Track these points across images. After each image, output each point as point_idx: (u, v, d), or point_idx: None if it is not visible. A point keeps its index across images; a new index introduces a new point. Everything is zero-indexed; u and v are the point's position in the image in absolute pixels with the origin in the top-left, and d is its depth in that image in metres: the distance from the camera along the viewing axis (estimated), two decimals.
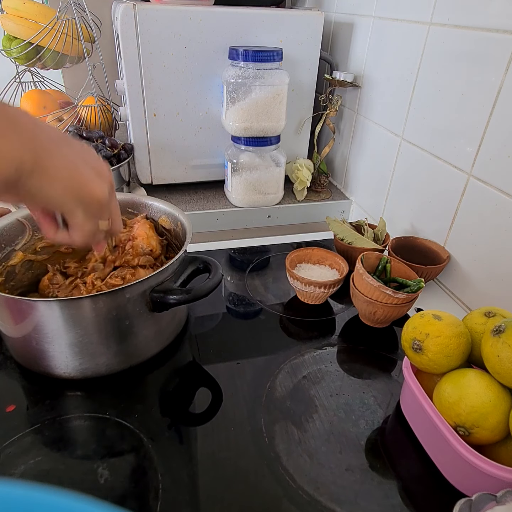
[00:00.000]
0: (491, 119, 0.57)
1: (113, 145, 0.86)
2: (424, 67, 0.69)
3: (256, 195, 0.90)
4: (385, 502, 0.40)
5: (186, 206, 0.91)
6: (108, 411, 0.47)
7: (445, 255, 0.67)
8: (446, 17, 0.62)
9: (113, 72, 1.06)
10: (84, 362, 0.49)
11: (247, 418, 0.48)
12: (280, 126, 0.85)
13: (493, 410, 0.38)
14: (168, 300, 0.49)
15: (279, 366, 0.55)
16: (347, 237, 0.72)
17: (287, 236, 0.86)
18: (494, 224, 0.58)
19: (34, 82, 1.13)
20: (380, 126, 0.83)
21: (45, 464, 0.42)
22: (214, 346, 0.57)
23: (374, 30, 0.82)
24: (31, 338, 0.48)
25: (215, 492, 0.40)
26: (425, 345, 0.44)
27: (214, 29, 0.81)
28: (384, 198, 0.84)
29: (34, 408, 0.48)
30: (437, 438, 0.41)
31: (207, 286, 0.49)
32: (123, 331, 0.49)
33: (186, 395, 0.51)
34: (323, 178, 0.99)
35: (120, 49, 0.80)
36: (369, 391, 0.52)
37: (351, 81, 0.88)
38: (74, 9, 0.89)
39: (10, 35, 0.93)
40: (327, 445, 0.45)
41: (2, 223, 0.55)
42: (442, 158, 0.67)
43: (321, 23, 0.87)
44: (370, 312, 0.59)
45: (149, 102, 0.84)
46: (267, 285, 0.71)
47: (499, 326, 0.40)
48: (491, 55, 0.55)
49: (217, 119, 0.89)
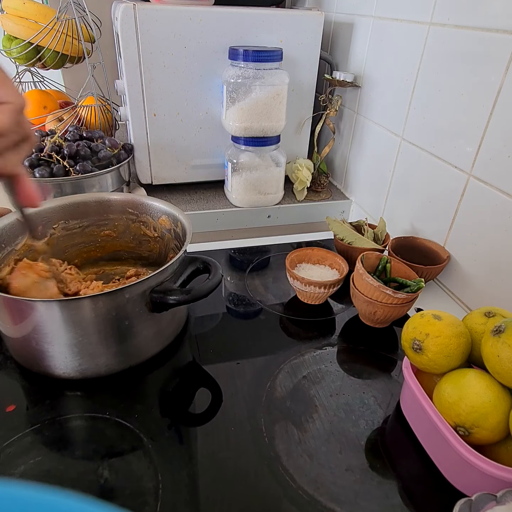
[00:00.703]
0: (491, 119, 0.57)
1: (113, 145, 0.86)
2: (424, 67, 0.69)
3: (256, 195, 0.90)
4: (385, 502, 0.40)
5: (186, 206, 0.91)
6: (108, 411, 0.47)
7: (445, 255, 0.67)
8: (446, 17, 0.62)
9: (113, 72, 1.06)
10: (84, 362, 0.49)
11: (247, 418, 0.48)
12: (280, 126, 0.85)
13: (493, 410, 0.38)
14: (168, 300, 0.49)
15: (279, 366, 0.55)
16: (347, 237, 0.72)
17: (287, 236, 0.86)
18: (494, 224, 0.58)
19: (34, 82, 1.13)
20: (380, 126, 0.83)
21: (45, 464, 0.42)
22: (214, 346, 0.57)
23: (374, 30, 0.82)
24: (31, 338, 0.48)
25: (215, 492, 0.40)
26: (425, 345, 0.44)
27: (214, 29, 0.81)
28: (384, 198, 0.84)
29: (34, 408, 0.48)
30: (437, 438, 0.41)
31: (206, 287, 0.49)
32: (122, 331, 0.49)
33: (186, 395, 0.51)
34: (323, 178, 0.99)
35: (120, 49, 0.80)
36: (369, 391, 0.52)
37: (351, 81, 0.88)
38: (74, 9, 0.89)
39: (10, 35, 0.93)
40: (327, 445, 0.45)
41: (2, 223, 0.55)
42: (442, 158, 0.67)
43: (321, 23, 0.87)
44: (370, 312, 0.59)
45: (149, 102, 0.84)
46: (267, 285, 0.71)
47: (499, 326, 0.40)
48: (491, 55, 0.55)
49: (217, 119, 0.89)
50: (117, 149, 0.86)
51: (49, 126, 0.97)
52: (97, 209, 0.65)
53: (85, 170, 0.78)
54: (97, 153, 0.83)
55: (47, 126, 0.98)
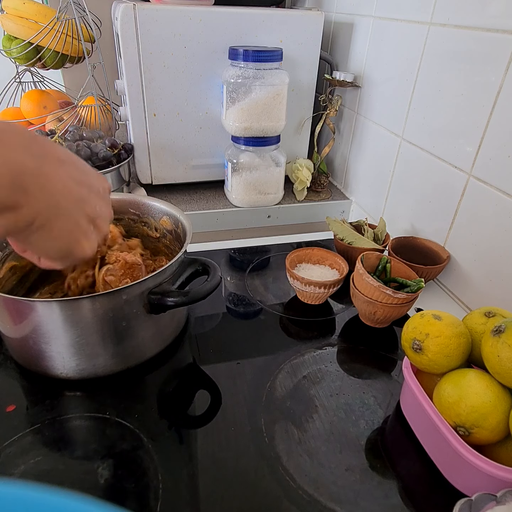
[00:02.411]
0: (491, 119, 0.57)
1: (113, 145, 0.86)
2: (424, 67, 0.69)
3: (256, 195, 0.90)
4: (385, 502, 0.40)
5: (186, 206, 0.91)
6: (108, 411, 0.47)
7: (445, 255, 0.67)
8: (446, 17, 0.62)
9: (113, 72, 1.06)
10: (81, 363, 0.49)
11: (247, 418, 0.48)
12: (280, 126, 0.85)
13: (493, 410, 0.38)
14: (165, 302, 0.48)
15: (279, 366, 0.55)
16: (347, 237, 0.72)
17: (287, 236, 0.86)
18: (494, 224, 0.58)
19: (34, 82, 1.13)
20: (380, 126, 0.83)
21: (45, 464, 0.42)
22: (214, 346, 0.57)
23: (374, 30, 0.82)
24: (28, 338, 0.48)
25: (215, 492, 0.40)
26: (425, 345, 0.44)
27: (214, 29, 0.81)
28: (384, 198, 0.84)
29: (34, 408, 0.48)
30: (437, 438, 0.41)
31: (204, 289, 0.49)
32: (120, 332, 0.49)
33: (186, 396, 0.51)
34: (323, 178, 0.99)
35: (120, 49, 0.80)
36: (369, 391, 0.52)
37: (351, 81, 0.88)
38: (74, 9, 0.89)
39: (10, 35, 0.93)
40: (327, 445, 0.45)
41: None
42: (442, 158, 0.67)
43: (321, 23, 0.87)
44: (370, 312, 0.59)
45: (149, 102, 0.84)
46: (267, 285, 0.71)
47: (499, 326, 0.40)
48: (491, 55, 0.55)
49: (217, 119, 0.89)
50: (117, 149, 0.86)
51: (49, 126, 0.97)
52: None
53: None
54: (97, 153, 0.83)
55: (47, 126, 0.98)
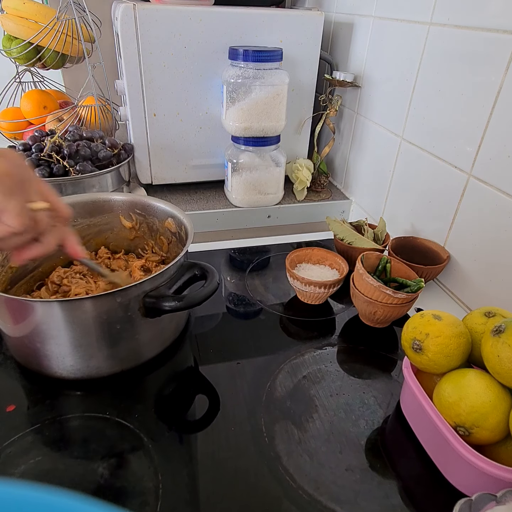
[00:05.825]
0: (491, 119, 0.57)
1: (113, 145, 0.86)
2: (424, 67, 0.69)
3: (256, 195, 0.90)
4: (385, 502, 0.40)
5: (186, 206, 0.91)
6: (108, 411, 0.47)
7: (445, 255, 0.67)
8: (446, 17, 0.62)
9: (113, 72, 1.06)
10: (76, 363, 0.49)
11: (247, 418, 0.48)
12: (280, 126, 0.85)
13: (493, 410, 0.38)
14: (160, 306, 0.47)
15: (279, 366, 0.55)
16: (347, 237, 0.72)
17: (287, 236, 0.86)
18: (494, 224, 0.58)
19: (34, 82, 1.13)
20: (380, 126, 0.83)
21: (45, 464, 0.42)
22: (214, 346, 0.57)
23: (374, 30, 0.82)
24: (25, 338, 0.48)
25: (215, 492, 0.40)
26: (425, 345, 0.44)
27: (214, 29, 0.81)
28: (384, 198, 0.84)
29: (34, 408, 0.48)
30: (437, 438, 0.41)
31: (200, 295, 0.48)
32: (114, 335, 0.49)
33: (186, 396, 0.51)
34: (323, 178, 0.99)
35: (120, 49, 0.80)
36: (369, 391, 0.52)
37: (351, 81, 0.88)
38: (74, 9, 0.89)
39: (10, 35, 0.93)
40: (327, 445, 0.45)
41: None
42: (442, 158, 0.67)
43: (321, 23, 0.87)
44: (370, 312, 0.59)
45: (149, 102, 0.84)
46: (267, 285, 0.71)
47: (499, 326, 0.40)
48: (491, 55, 0.55)
49: (217, 119, 0.89)
50: (117, 149, 0.86)
51: (49, 126, 0.97)
52: (105, 208, 0.65)
53: (85, 170, 0.78)
54: (97, 153, 0.83)
55: (47, 126, 0.98)
